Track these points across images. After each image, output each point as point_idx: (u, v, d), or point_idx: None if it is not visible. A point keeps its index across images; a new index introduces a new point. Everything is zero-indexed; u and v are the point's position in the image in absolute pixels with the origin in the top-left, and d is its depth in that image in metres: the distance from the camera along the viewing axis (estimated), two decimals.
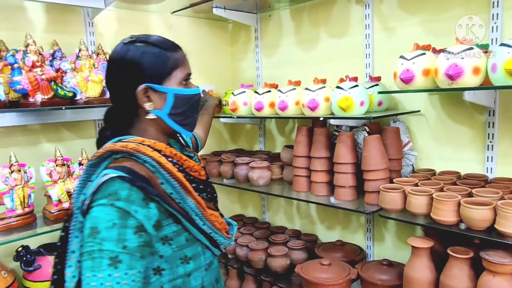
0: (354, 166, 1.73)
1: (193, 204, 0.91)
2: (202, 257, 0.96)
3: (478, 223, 1.31)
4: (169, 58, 0.95)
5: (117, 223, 0.80)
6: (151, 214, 0.85)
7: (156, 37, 0.98)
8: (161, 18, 2.27)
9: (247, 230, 2.35)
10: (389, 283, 1.65)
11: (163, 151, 0.93)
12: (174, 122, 0.97)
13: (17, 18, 1.77)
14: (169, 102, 0.95)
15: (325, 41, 2.13)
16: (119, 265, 0.78)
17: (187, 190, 0.91)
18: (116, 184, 0.82)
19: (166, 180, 0.88)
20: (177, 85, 0.96)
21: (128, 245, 0.80)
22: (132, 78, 0.94)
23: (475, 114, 1.65)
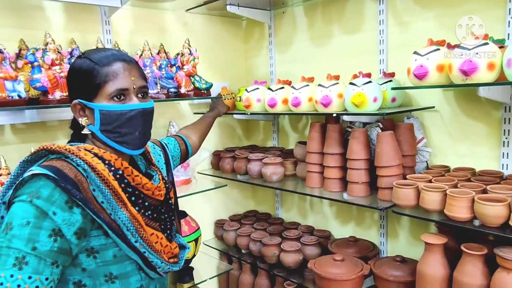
0: (367, 162, 1.73)
1: (125, 217, 0.87)
2: (131, 279, 0.91)
3: (492, 220, 1.30)
4: (99, 73, 0.92)
5: (31, 221, 0.76)
6: (73, 219, 0.81)
7: (100, 52, 0.96)
8: (176, 16, 2.30)
9: (260, 226, 2.38)
10: (402, 279, 1.66)
11: (111, 161, 0.91)
12: (109, 139, 0.94)
13: (36, 17, 1.81)
14: (97, 118, 0.93)
15: (339, 37, 2.13)
16: (24, 267, 0.74)
17: (122, 201, 0.88)
18: (40, 182, 0.80)
19: (97, 186, 0.85)
20: (107, 100, 0.92)
21: (39, 247, 0.76)
22: (71, 93, 0.97)
23: (491, 110, 1.63)
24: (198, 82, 2.00)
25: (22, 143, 1.78)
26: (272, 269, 2.15)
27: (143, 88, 0.99)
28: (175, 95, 1.99)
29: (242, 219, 2.53)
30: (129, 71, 0.94)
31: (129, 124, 0.94)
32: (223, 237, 2.44)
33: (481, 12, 1.60)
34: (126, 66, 0.95)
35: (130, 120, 0.94)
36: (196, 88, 2.00)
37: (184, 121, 2.31)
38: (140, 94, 0.98)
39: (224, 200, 2.62)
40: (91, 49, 0.97)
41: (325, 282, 1.74)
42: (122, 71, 0.93)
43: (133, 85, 0.94)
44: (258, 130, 2.66)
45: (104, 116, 0.92)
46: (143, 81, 0.99)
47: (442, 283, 1.47)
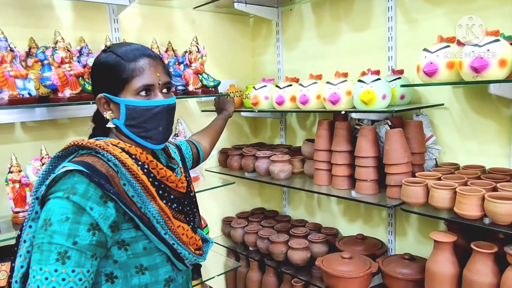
0: (375, 160, 1.72)
1: (155, 210, 0.89)
2: (160, 270, 0.92)
3: (502, 218, 1.29)
4: (126, 68, 0.92)
5: (70, 217, 0.78)
6: (108, 213, 0.83)
7: (124, 46, 0.97)
8: (184, 13, 2.30)
9: (268, 223, 2.38)
10: (411, 277, 1.65)
11: (137, 155, 0.92)
12: (133, 134, 0.95)
13: (45, 16, 1.83)
14: (122, 113, 0.94)
15: (347, 35, 2.12)
16: (67, 261, 0.76)
17: (151, 194, 0.89)
18: (75, 178, 0.82)
19: (127, 181, 0.87)
20: (133, 95, 0.93)
21: (79, 241, 0.78)
22: (97, 86, 0.97)
23: (501, 108, 1.62)
24: (206, 79, 2.00)
25: (33, 141, 1.80)
26: (279, 267, 2.15)
27: (167, 84, 0.99)
28: (183, 92, 2.00)
29: (250, 216, 2.53)
30: (154, 67, 0.95)
31: (154, 119, 0.95)
32: (230, 234, 2.45)
33: (491, 8, 1.59)
34: (152, 62, 0.95)
35: (155, 115, 0.95)
36: (204, 86, 2.00)
37: (191, 118, 2.32)
38: (164, 90, 0.99)
39: (232, 198, 2.63)
40: (116, 43, 0.98)
41: (333, 279, 1.74)
42: (148, 67, 0.94)
43: (158, 81, 0.95)
44: (266, 127, 2.66)
45: (129, 111, 0.93)
46: (167, 77, 0.99)
47: (452, 281, 1.46)
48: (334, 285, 1.75)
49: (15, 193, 1.55)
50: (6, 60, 1.50)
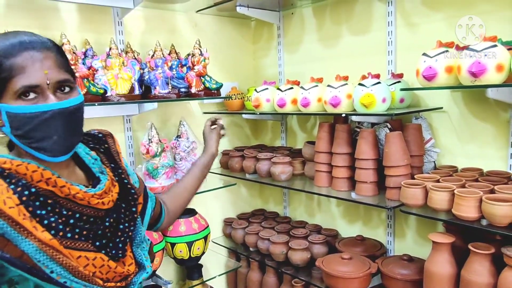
0: (375, 162, 1.75)
1: (30, 248, 0.73)
2: None
3: (500, 219, 1.32)
4: (3, 66, 0.76)
5: None
6: None
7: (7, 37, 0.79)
8: (187, 16, 2.33)
9: (268, 224, 2.41)
10: (410, 277, 1.68)
11: (27, 174, 0.77)
12: (23, 145, 0.80)
13: (51, 18, 1.86)
14: (4, 120, 0.78)
15: (347, 38, 2.15)
16: None
17: (25, 230, 0.73)
18: None
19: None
20: (14, 99, 0.77)
21: None
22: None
23: (499, 111, 1.65)
24: (209, 82, 2.03)
25: None
26: (280, 267, 2.18)
27: (64, 82, 0.81)
28: (186, 95, 2.03)
29: (250, 217, 2.56)
30: (40, 63, 0.77)
31: (44, 127, 0.78)
32: (231, 235, 2.47)
33: (490, 13, 1.62)
34: (37, 56, 0.77)
35: (44, 123, 0.78)
36: (207, 88, 2.03)
37: (193, 120, 2.34)
38: (60, 90, 0.81)
39: (232, 199, 2.65)
40: (1, 33, 0.82)
41: (333, 280, 1.77)
42: (31, 63, 0.76)
43: (46, 80, 0.77)
44: (266, 129, 2.69)
45: (11, 119, 0.77)
46: (62, 74, 0.81)
47: (450, 282, 1.49)
48: (334, 285, 1.77)
49: None
50: None
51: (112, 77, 1.81)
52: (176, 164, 2.06)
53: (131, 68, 1.88)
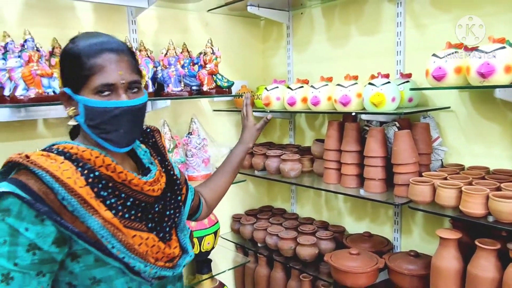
0: (384, 160, 1.79)
1: (96, 224, 0.82)
2: (116, 282, 0.88)
3: (506, 216, 1.36)
4: (85, 64, 0.86)
5: (7, 240, 0.77)
6: (47, 231, 0.79)
7: (89, 38, 0.90)
8: (198, 16, 2.38)
9: (276, 221, 2.45)
10: (416, 272, 1.72)
11: (91, 160, 0.87)
12: (93, 134, 0.90)
13: (67, 17, 1.90)
14: (81, 111, 0.88)
15: (356, 39, 2.19)
16: (11, 282, 0.77)
17: (92, 207, 0.82)
18: (9, 199, 0.78)
19: (63, 196, 0.81)
20: (92, 94, 0.87)
21: (20, 262, 0.77)
22: (62, 79, 0.92)
23: (506, 112, 1.68)
24: (220, 80, 2.07)
25: (54, 137, 1.87)
26: (288, 262, 2.22)
27: (134, 83, 0.92)
28: (197, 92, 2.07)
29: (258, 214, 2.60)
30: (117, 64, 0.87)
31: (114, 121, 0.89)
32: (239, 231, 2.52)
33: (497, 15, 1.65)
34: (114, 58, 0.87)
35: (114, 118, 0.88)
36: (218, 86, 2.07)
37: (204, 118, 2.39)
38: (130, 89, 0.92)
39: (241, 195, 2.70)
40: (85, 32, 0.92)
41: (341, 274, 1.81)
42: (108, 64, 0.86)
43: (120, 80, 0.88)
44: (275, 127, 2.73)
45: (88, 111, 0.87)
46: (133, 75, 0.91)
47: (456, 277, 1.53)
48: (342, 280, 1.82)
49: None
50: (33, 59, 1.58)
51: None
52: (187, 161, 2.11)
53: (145, 66, 1.92)
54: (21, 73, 1.54)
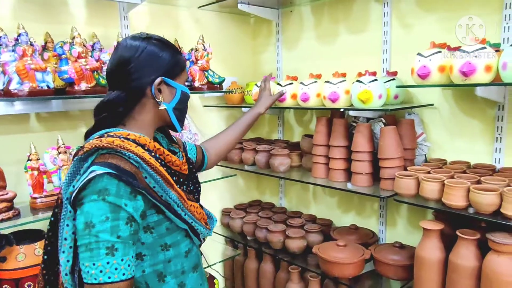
0: (370, 155, 1.86)
1: (175, 196, 0.99)
2: (182, 245, 1.03)
3: (485, 208, 1.44)
4: (180, 60, 1.07)
5: (109, 216, 0.87)
6: (138, 205, 0.92)
7: (164, 39, 1.08)
8: (189, 12, 2.40)
9: (265, 214, 2.50)
10: (401, 263, 1.80)
11: (146, 145, 0.99)
12: (174, 116, 1.07)
13: (60, 12, 1.91)
14: (176, 97, 1.06)
15: (344, 37, 2.25)
16: (116, 253, 0.87)
17: (169, 183, 0.98)
18: (105, 180, 0.88)
19: (149, 174, 0.95)
20: (182, 84, 1.08)
21: (122, 234, 0.88)
22: (151, 70, 1.01)
23: (486, 109, 1.77)
24: (212, 76, 2.11)
25: (46, 131, 1.88)
26: (277, 254, 2.28)
27: None
28: (189, 88, 2.10)
29: (247, 208, 2.65)
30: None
31: (187, 106, 1.13)
32: (229, 224, 2.56)
33: (480, 17, 1.72)
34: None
35: (187, 103, 1.13)
36: (210, 82, 2.11)
37: (195, 113, 2.42)
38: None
39: (230, 190, 2.74)
40: (150, 34, 1.07)
41: (329, 265, 1.88)
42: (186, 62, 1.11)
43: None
44: (264, 123, 2.78)
45: (182, 97, 1.08)
46: None
47: (439, 266, 1.60)
48: (330, 270, 1.88)
49: (33, 180, 1.64)
50: (27, 53, 1.59)
51: None
52: None
53: None
54: (15, 67, 1.55)
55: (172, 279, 1.03)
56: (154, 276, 1.00)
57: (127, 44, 1.02)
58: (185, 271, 1.05)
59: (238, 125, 1.53)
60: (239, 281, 2.58)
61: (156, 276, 1.00)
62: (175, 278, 1.03)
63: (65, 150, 1.73)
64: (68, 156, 1.73)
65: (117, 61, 1.02)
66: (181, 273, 1.04)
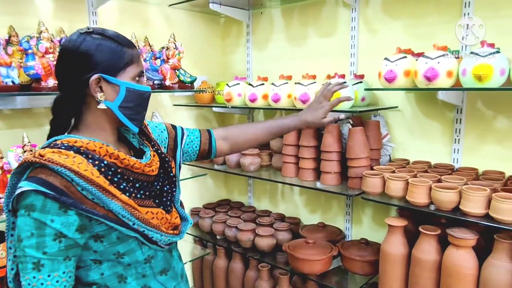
0: (339, 155, 1.92)
1: (117, 207, 0.92)
2: (137, 253, 0.99)
3: (446, 205, 1.53)
4: (125, 53, 0.98)
5: (34, 232, 0.85)
6: (70, 220, 0.87)
7: (113, 32, 1.00)
8: (159, 10, 2.38)
9: (234, 213, 2.52)
10: (367, 258, 1.87)
11: (96, 151, 0.95)
12: (123, 115, 1.00)
13: (25, 5, 1.84)
14: (120, 94, 0.98)
15: (314, 40, 2.31)
16: (42, 269, 0.86)
17: (110, 193, 0.92)
18: (32, 196, 0.85)
19: (83, 187, 0.89)
20: (130, 80, 0.99)
21: (48, 251, 0.86)
22: (86, 67, 0.95)
23: (446, 112, 1.88)
24: (183, 75, 2.10)
25: (9, 129, 1.81)
26: (247, 253, 2.30)
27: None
28: (159, 87, 2.09)
29: (216, 207, 2.66)
30: (140, 57, 1.04)
31: (143, 104, 1.04)
32: (198, 224, 2.56)
33: (440, 25, 1.84)
34: (139, 52, 1.05)
35: (144, 100, 1.04)
36: (181, 81, 2.10)
37: (165, 112, 2.40)
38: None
39: (199, 189, 2.74)
40: (95, 27, 1.00)
41: (299, 262, 1.92)
42: (138, 55, 1.02)
43: (143, 69, 1.05)
44: (233, 123, 2.80)
45: (129, 94, 0.99)
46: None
47: (403, 260, 1.69)
48: (300, 267, 1.93)
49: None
50: None
51: None
52: None
53: None
54: None
55: (134, 280, 1.00)
56: (114, 278, 0.98)
57: (65, 40, 0.99)
58: (147, 275, 1.02)
59: (272, 127, 1.36)
60: (208, 280, 2.59)
61: (116, 278, 0.99)
62: (137, 280, 1.01)
63: (31, 148, 1.67)
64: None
65: (57, 59, 0.99)
66: (142, 276, 1.01)
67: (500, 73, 1.39)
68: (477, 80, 1.42)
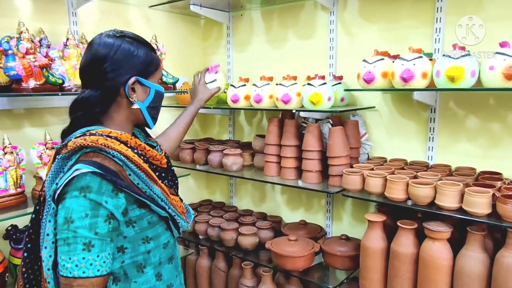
0: (320, 154, 1.98)
1: (159, 191, 1.02)
2: (162, 237, 1.06)
3: (422, 199, 1.61)
4: (154, 58, 1.08)
5: (89, 213, 0.89)
6: (120, 203, 0.94)
7: (141, 37, 1.09)
8: (139, 11, 2.38)
9: (216, 213, 2.54)
10: (348, 253, 1.93)
11: (128, 142, 1.01)
12: (149, 115, 1.09)
13: (4, 4, 1.81)
14: (150, 96, 1.08)
15: (293, 42, 2.36)
16: (92, 249, 0.89)
17: (153, 179, 1.01)
18: (88, 178, 0.90)
19: (133, 172, 0.97)
20: (157, 82, 1.10)
21: (100, 231, 0.90)
22: (125, 70, 1.01)
23: (421, 111, 1.96)
24: (166, 76, 2.11)
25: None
26: (230, 252, 2.33)
27: None
28: None
29: (198, 207, 2.67)
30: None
31: (161, 104, 1.15)
32: None
33: (414, 29, 1.92)
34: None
35: (162, 100, 1.15)
36: (163, 83, 2.11)
37: None
38: None
39: (181, 190, 2.69)
40: (123, 31, 1.07)
41: (282, 259, 1.97)
42: (160, 60, 1.12)
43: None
44: (214, 124, 2.82)
45: (156, 95, 1.10)
46: None
47: (382, 254, 1.76)
48: (283, 264, 1.97)
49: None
50: None
51: (70, 68, 1.82)
52: None
53: None
54: None
55: (151, 270, 1.05)
56: (133, 267, 1.02)
57: (101, 41, 1.03)
58: (162, 262, 1.07)
59: (183, 121, 1.61)
60: (191, 280, 2.60)
61: (135, 267, 1.02)
62: (154, 269, 1.05)
63: (12, 150, 1.65)
64: (15, 157, 1.65)
65: (90, 59, 1.02)
66: (158, 263, 1.06)
67: (471, 74, 1.48)
68: (450, 81, 1.50)
